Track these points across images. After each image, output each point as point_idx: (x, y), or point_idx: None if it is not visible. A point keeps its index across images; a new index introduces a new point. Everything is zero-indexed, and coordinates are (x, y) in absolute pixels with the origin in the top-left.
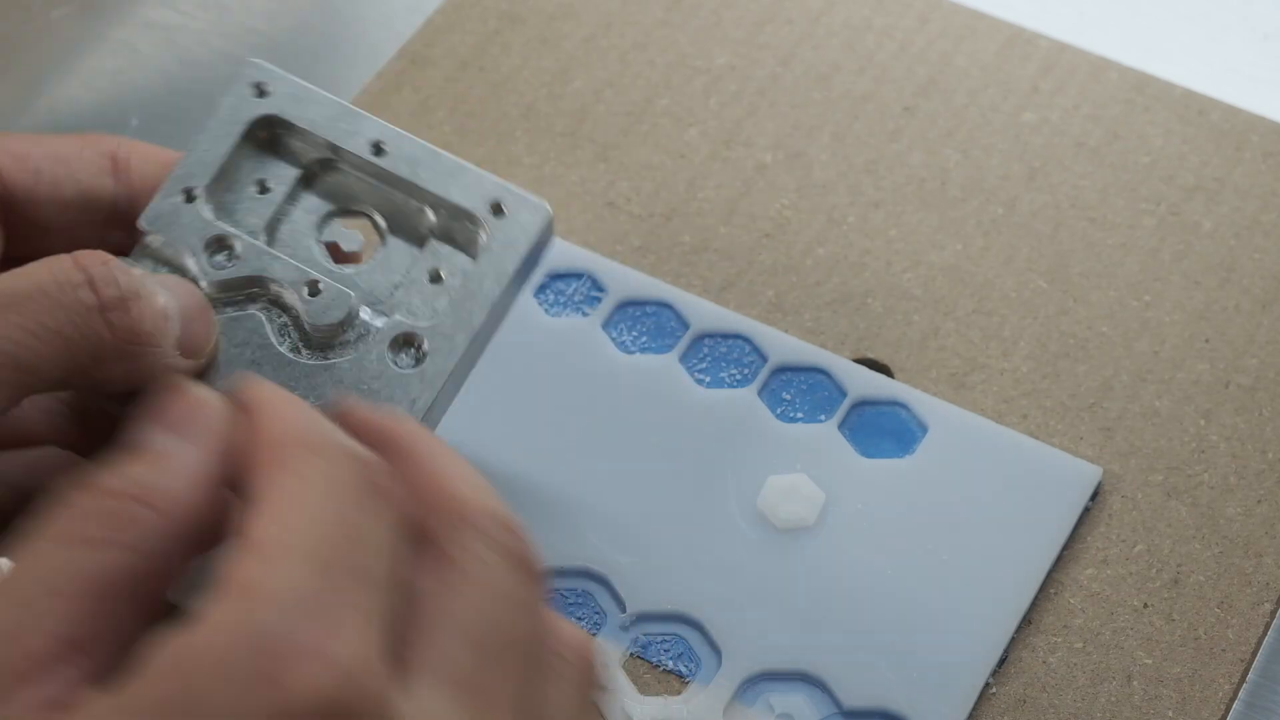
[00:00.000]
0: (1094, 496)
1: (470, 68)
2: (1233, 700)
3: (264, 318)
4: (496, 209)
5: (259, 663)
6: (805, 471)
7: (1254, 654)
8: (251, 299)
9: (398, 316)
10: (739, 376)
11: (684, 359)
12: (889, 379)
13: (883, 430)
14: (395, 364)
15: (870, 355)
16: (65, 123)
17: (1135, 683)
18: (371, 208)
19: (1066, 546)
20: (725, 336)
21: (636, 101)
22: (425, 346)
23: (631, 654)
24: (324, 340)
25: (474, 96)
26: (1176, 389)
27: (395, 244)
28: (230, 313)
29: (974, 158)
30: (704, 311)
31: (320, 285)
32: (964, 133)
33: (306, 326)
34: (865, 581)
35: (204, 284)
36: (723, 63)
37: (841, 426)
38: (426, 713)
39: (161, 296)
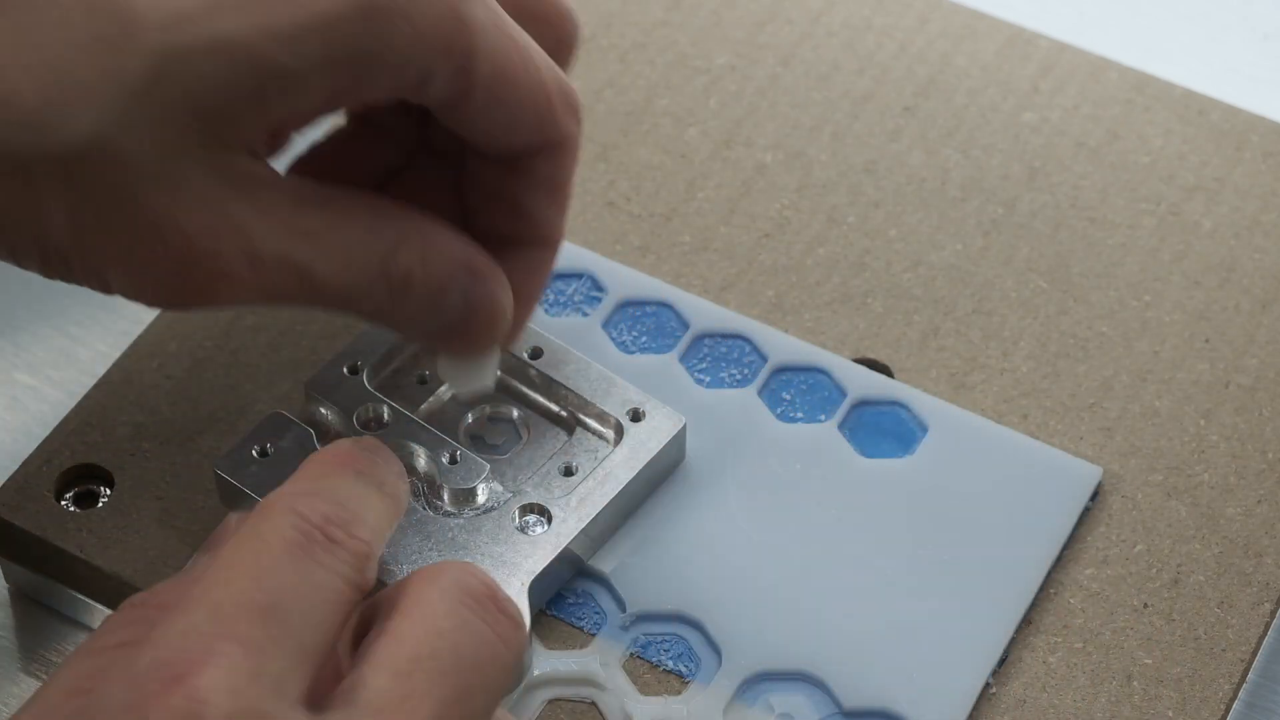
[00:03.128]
0: (1094, 496)
1: None
2: (1233, 700)
3: None
4: (635, 415)
5: (143, 675)
6: (805, 472)
7: (1254, 654)
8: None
9: (528, 492)
10: (739, 376)
11: (684, 359)
12: (889, 379)
13: (883, 430)
14: (517, 530)
15: (870, 355)
16: None
17: (1135, 683)
18: (520, 404)
19: (1066, 546)
20: (725, 336)
21: (636, 101)
22: (546, 521)
23: (631, 654)
24: (456, 506)
25: None
26: (1176, 389)
27: (536, 439)
28: None
29: (974, 158)
30: (704, 311)
31: (459, 455)
32: (964, 133)
33: (441, 489)
34: (865, 581)
35: None
36: (723, 63)
37: (841, 426)
38: None
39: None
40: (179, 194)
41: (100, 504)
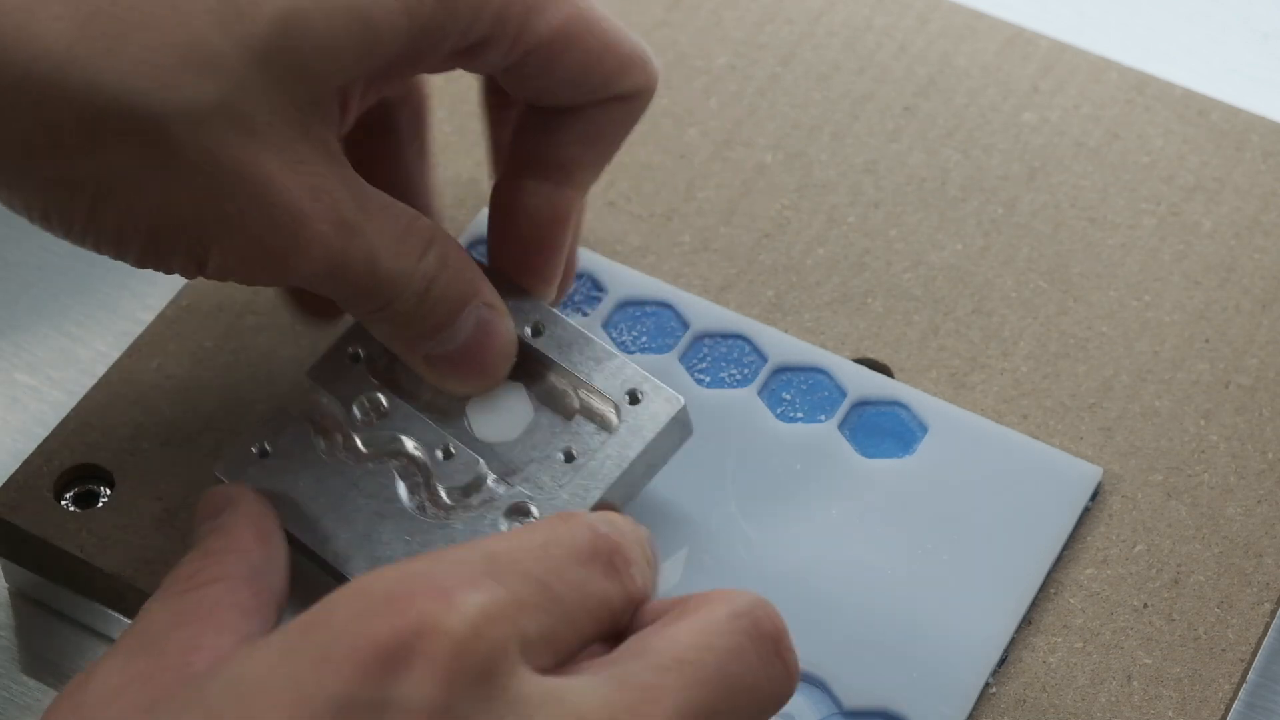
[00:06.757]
0: (1094, 496)
1: None
2: (1233, 700)
3: (398, 473)
4: (633, 397)
5: (395, 589)
6: (805, 472)
7: (1254, 654)
8: (392, 454)
9: (520, 487)
10: (739, 376)
11: (684, 359)
12: (889, 379)
13: (883, 430)
14: (513, 525)
15: (870, 355)
16: None
17: (1135, 683)
18: (522, 384)
19: (1066, 546)
20: (725, 336)
21: None
22: (537, 517)
23: None
24: (452, 501)
25: (474, 97)
26: (1176, 389)
27: (541, 420)
28: (369, 465)
29: (974, 158)
30: (704, 311)
31: (452, 449)
32: (964, 133)
33: (436, 486)
34: (865, 581)
35: (357, 438)
36: (723, 63)
37: (841, 426)
38: (569, 685)
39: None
40: (285, 156)
41: (100, 504)
